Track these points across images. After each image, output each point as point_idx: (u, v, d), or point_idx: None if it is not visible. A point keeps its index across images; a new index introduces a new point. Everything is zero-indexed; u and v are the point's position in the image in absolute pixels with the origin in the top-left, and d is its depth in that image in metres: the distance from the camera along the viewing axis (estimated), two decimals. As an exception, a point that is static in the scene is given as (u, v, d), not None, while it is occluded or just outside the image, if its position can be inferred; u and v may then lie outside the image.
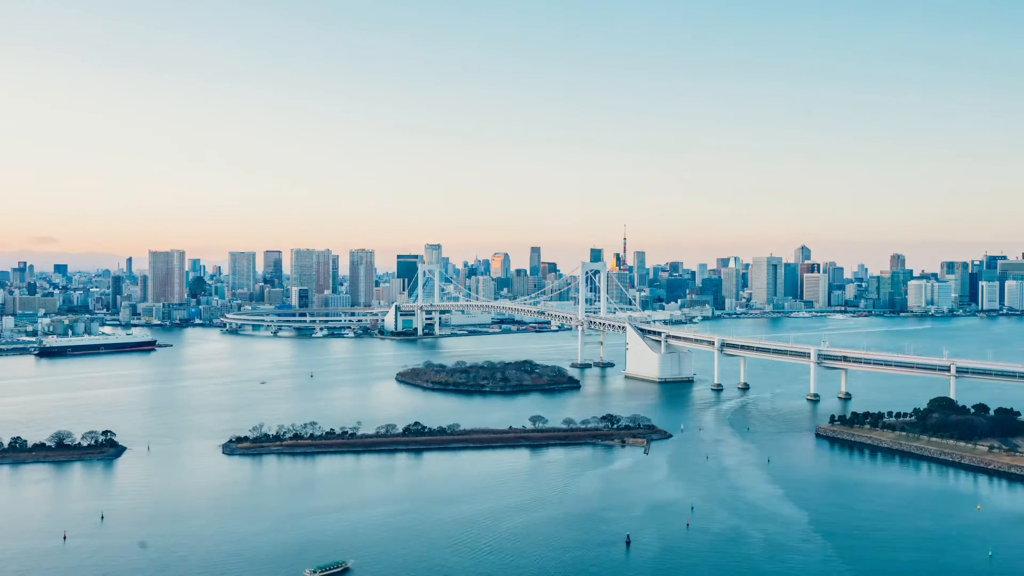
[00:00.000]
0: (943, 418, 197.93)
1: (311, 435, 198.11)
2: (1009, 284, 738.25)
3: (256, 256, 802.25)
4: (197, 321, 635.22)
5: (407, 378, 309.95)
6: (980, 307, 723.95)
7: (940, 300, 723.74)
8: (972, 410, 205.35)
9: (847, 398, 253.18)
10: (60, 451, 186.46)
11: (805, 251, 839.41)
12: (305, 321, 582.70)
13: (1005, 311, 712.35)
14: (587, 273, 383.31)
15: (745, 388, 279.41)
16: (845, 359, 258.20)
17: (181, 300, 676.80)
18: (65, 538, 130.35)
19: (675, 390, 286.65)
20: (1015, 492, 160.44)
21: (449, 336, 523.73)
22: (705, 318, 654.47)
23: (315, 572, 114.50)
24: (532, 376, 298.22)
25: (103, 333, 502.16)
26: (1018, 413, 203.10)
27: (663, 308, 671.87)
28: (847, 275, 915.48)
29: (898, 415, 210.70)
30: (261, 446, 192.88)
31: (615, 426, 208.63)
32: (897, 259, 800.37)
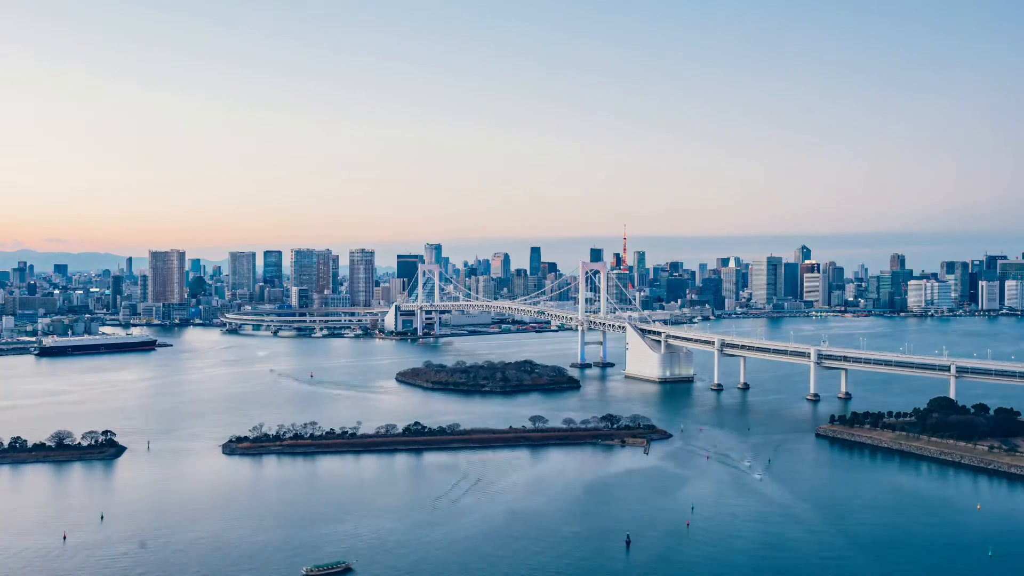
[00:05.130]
0: (943, 418, 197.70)
1: (311, 435, 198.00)
2: (1009, 284, 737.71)
3: (256, 256, 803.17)
4: (197, 321, 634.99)
5: (407, 378, 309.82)
6: (980, 307, 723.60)
7: (940, 300, 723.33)
8: (972, 410, 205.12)
9: (847, 398, 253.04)
10: (60, 451, 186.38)
11: (805, 251, 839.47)
12: (305, 321, 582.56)
13: (1005, 311, 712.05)
14: (587, 273, 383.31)
15: (745, 388, 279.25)
16: (845, 359, 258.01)
17: (181, 300, 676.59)
18: (65, 538, 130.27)
19: (675, 390, 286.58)
20: (1015, 492, 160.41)
21: (449, 336, 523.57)
22: (705, 318, 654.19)
23: (312, 569, 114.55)
24: (532, 376, 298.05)
25: (103, 333, 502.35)
26: (1018, 413, 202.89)
27: (663, 308, 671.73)
28: (847, 275, 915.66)
29: (898, 415, 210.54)
30: (261, 446, 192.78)
31: (615, 426, 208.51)
32: (897, 259, 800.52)
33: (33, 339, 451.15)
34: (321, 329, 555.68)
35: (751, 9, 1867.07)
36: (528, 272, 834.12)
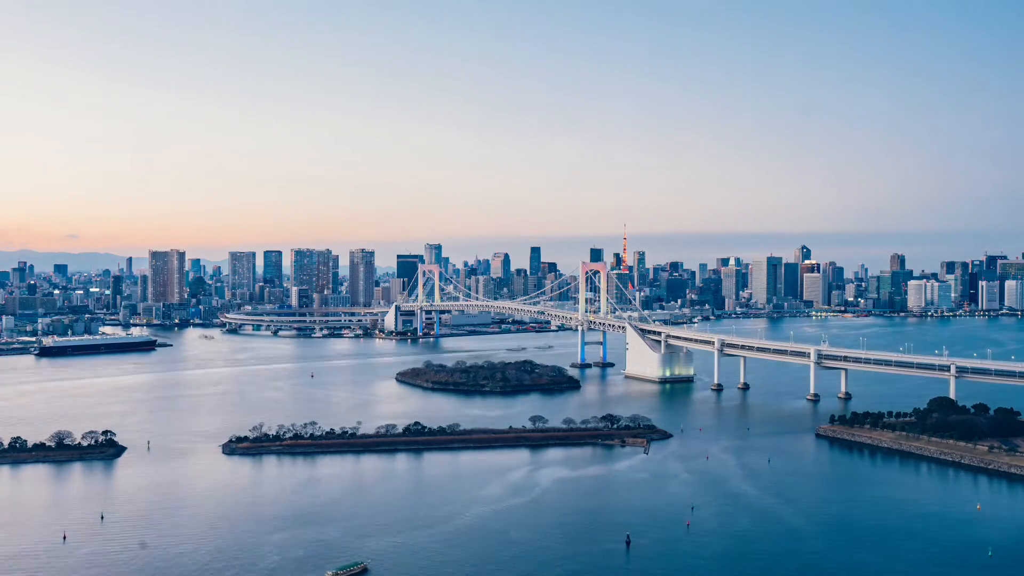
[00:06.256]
0: (943, 418, 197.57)
1: (311, 435, 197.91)
2: (1009, 284, 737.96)
3: (256, 256, 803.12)
4: (196, 321, 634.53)
5: (407, 378, 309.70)
6: (980, 307, 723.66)
7: (940, 300, 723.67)
8: (972, 410, 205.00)
9: (847, 398, 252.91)
10: (60, 451, 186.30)
11: (805, 251, 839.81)
12: (305, 321, 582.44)
13: (1005, 311, 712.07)
14: (587, 273, 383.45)
15: (745, 388, 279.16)
16: (845, 359, 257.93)
17: (181, 300, 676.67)
18: (65, 538, 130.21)
19: (675, 390, 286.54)
20: (1015, 492, 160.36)
21: (449, 336, 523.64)
22: (705, 318, 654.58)
23: (338, 572, 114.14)
24: (532, 376, 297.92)
25: (103, 333, 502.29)
26: (1018, 413, 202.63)
27: (663, 308, 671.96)
28: (847, 275, 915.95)
29: (898, 415, 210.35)
30: (261, 446, 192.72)
31: (615, 426, 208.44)
32: (897, 259, 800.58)
33: (33, 339, 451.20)
34: (321, 329, 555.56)
35: (749, 8, 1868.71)
36: (528, 272, 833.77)
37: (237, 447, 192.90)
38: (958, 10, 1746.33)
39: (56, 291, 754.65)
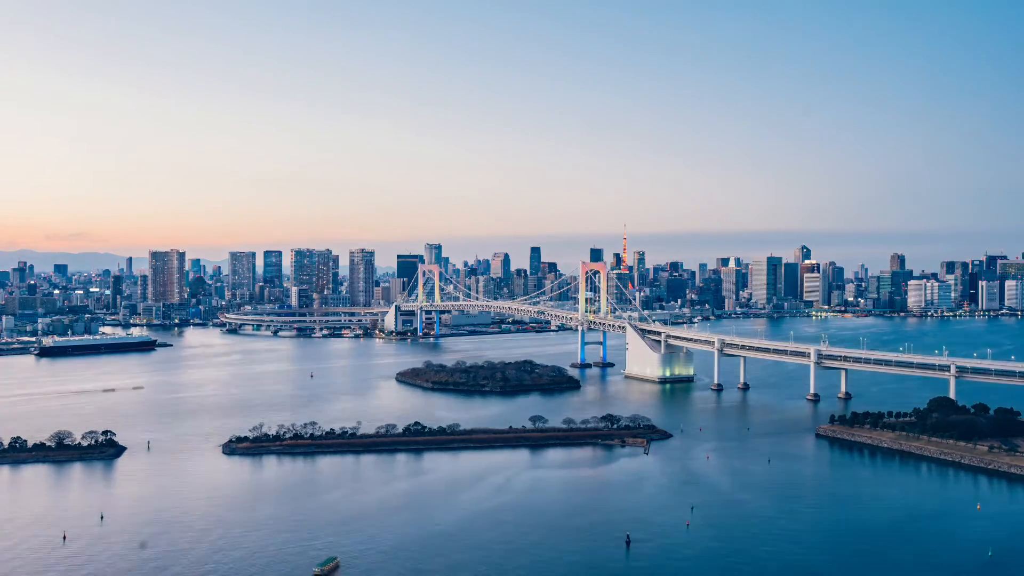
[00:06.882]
0: (943, 418, 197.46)
1: (311, 435, 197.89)
2: (1009, 284, 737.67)
3: (256, 256, 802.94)
4: (196, 321, 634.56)
5: (407, 378, 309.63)
6: (980, 307, 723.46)
7: (940, 300, 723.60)
8: (972, 410, 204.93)
9: (847, 398, 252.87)
10: (60, 451, 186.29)
11: (805, 251, 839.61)
12: (305, 321, 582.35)
13: (1005, 311, 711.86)
14: (587, 273, 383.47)
15: (745, 388, 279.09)
16: (845, 359, 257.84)
17: (181, 300, 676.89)
18: (65, 538, 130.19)
19: (675, 390, 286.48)
20: (1015, 492, 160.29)
21: (449, 336, 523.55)
22: (705, 318, 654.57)
23: (326, 565, 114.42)
24: (532, 376, 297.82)
25: (103, 333, 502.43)
26: (1018, 413, 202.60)
27: (663, 308, 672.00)
28: (847, 275, 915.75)
29: (898, 415, 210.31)
30: (261, 446, 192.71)
31: (615, 426, 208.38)
32: (897, 259, 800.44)
33: (33, 339, 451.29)
34: (321, 329, 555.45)
35: (749, 7, 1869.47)
36: (528, 272, 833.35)
37: (237, 447, 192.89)
38: (958, 10, 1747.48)
39: (56, 291, 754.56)
